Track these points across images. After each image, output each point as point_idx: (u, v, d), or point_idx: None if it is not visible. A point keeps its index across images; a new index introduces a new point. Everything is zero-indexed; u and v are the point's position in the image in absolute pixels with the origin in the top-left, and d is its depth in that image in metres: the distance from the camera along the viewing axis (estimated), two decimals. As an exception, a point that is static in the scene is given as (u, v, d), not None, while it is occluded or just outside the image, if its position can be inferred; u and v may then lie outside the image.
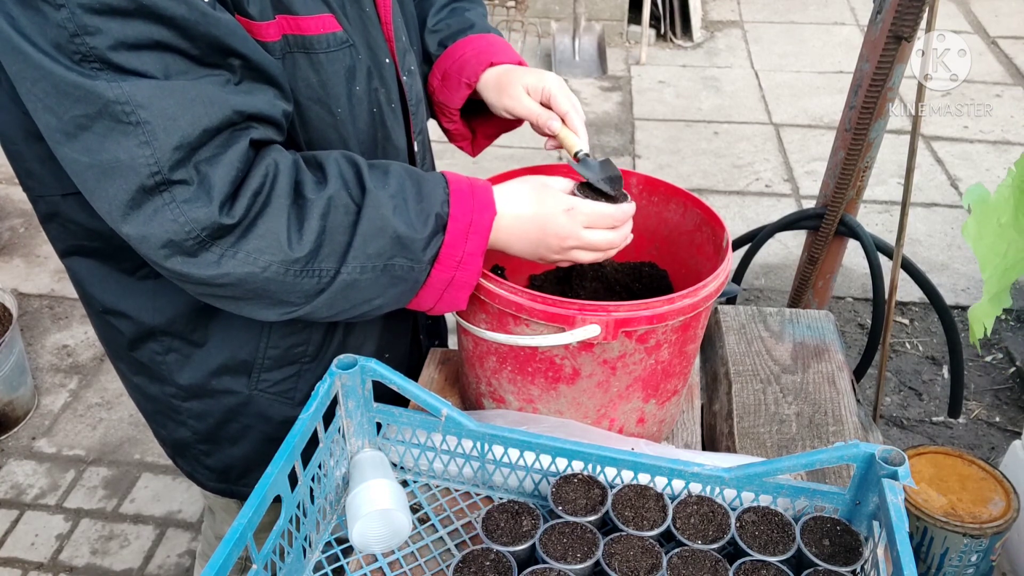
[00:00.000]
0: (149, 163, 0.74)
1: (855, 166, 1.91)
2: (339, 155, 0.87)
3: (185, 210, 0.76)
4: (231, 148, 0.78)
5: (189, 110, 0.74)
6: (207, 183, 0.76)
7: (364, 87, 0.95)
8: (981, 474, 1.25)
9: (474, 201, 0.90)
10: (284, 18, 0.85)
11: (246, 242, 0.79)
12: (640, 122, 4.03)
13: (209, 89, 0.76)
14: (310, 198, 0.82)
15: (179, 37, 0.74)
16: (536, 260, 0.98)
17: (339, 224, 0.84)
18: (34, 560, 2.13)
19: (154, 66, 0.73)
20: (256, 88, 0.81)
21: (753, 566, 0.81)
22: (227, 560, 0.73)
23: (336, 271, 0.84)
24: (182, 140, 0.74)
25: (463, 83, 1.09)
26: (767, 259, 3.08)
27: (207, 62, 0.77)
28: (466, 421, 0.93)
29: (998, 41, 4.66)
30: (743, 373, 1.24)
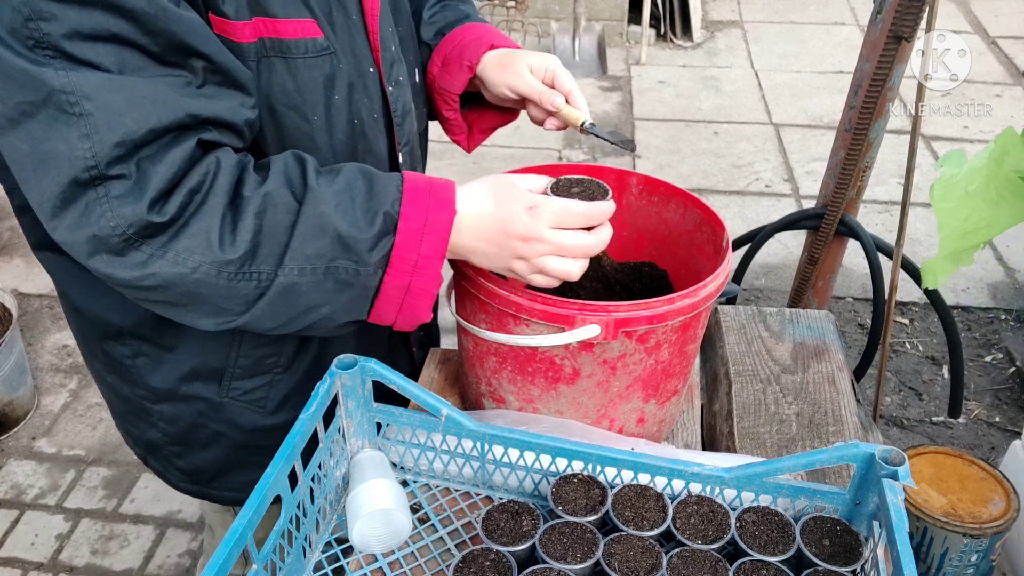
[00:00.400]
0: (86, 156, 0.71)
1: (855, 166, 1.91)
2: (288, 154, 0.84)
3: (115, 206, 0.73)
4: (176, 147, 0.75)
5: (137, 107, 0.72)
6: (144, 180, 0.74)
7: (344, 96, 0.92)
8: (981, 474, 1.25)
9: (430, 199, 0.84)
10: (261, 20, 0.83)
11: (176, 242, 0.76)
12: (640, 122, 4.03)
13: (163, 89, 0.73)
14: (247, 196, 0.79)
15: (138, 32, 0.72)
16: (505, 272, 0.91)
17: (277, 223, 0.79)
18: (34, 560, 2.13)
19: (109, 59, 0.71)
20: (219, 93, 0.79)
21: (753, 566, 0.81)
22: (227, 560, 0.73)
23: (274, 273, 0.80)
24: (125, 136, 0.72)
25: (464, 66, 1.08)
26: (767, 259, 3.08)
27: (167, 61, 0.74)
28: (466, 421, 0.93)
29: (998, 41, 4.66)
30: (743, 373, 1.24)
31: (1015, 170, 1.41)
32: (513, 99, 1.08)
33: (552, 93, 1.05)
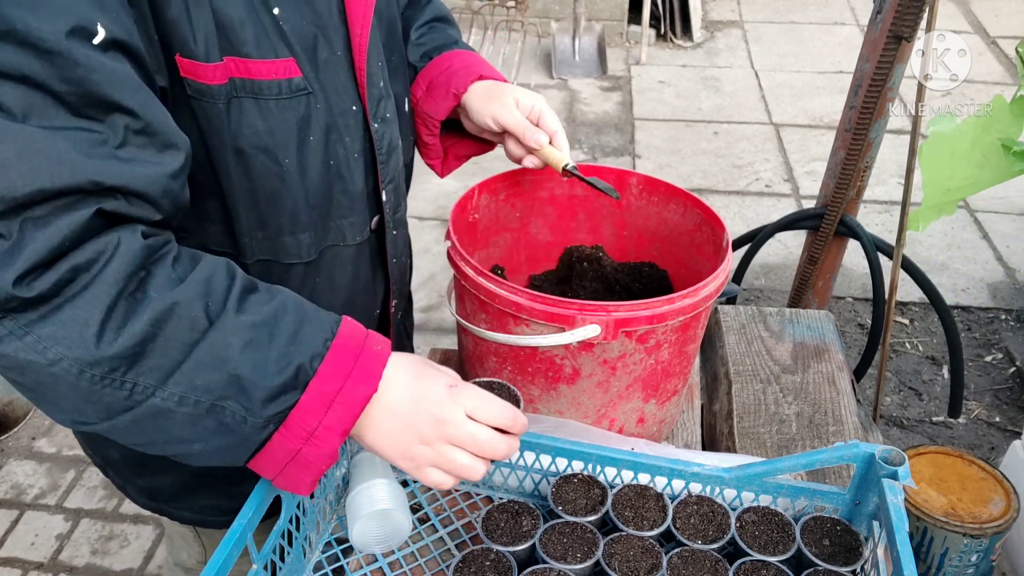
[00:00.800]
0: None
1: (855, 166, 1.91)
2: (222, 263, 0.73)
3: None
4: (67, 214, 0.64)
5: (27, 161, 0.62)
6: (21, 245, 0.62)
7: (320, 137, 0.86)
8: (981, 474, 1.25)
9: (355, 365, 0.73)
10: (232, 60, 0.77)
11: (41, 325, 0.64)
12: (640, 122, 4.03)
13: (66, 145, 0.63)
14: (152, 295, 0.67)
15: (53, 76, 0.63)
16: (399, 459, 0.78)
17: (175, 338, 0.67)
18: (34, 560, 2.13)
19: (14, 101, 0.62)
20: (140, 156, 0.68)
21: (753, 566, 0.81)
22: (227, 560, 0.73)
23: (151, 391, 0.67)
24: (5, 192, 0.61)
25: (451, 93, 1.06)
26: (767, 259, 3.08)
27: (83, 113, 0.65)
28: (466, 421, 0.93)
29: (998, 41, 4.66)
30: (743, 373, 1.24)
31: (1000, 137, 1.49)
32: (495, 131, 1.06)
33: (536, 131, 1.04)
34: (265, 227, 0.88)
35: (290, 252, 0.91)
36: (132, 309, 0.66)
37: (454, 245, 1.00)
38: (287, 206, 0.87)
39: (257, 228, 0.88)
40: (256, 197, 0.86)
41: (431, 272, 3.06)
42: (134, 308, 0.66)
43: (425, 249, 3.16)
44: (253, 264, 0.90)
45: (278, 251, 0.90)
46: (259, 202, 0.86)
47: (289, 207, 0.87)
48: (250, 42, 0.77)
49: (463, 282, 0.98)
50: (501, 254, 1.22)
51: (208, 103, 0.78)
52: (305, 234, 0.90)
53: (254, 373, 0.69)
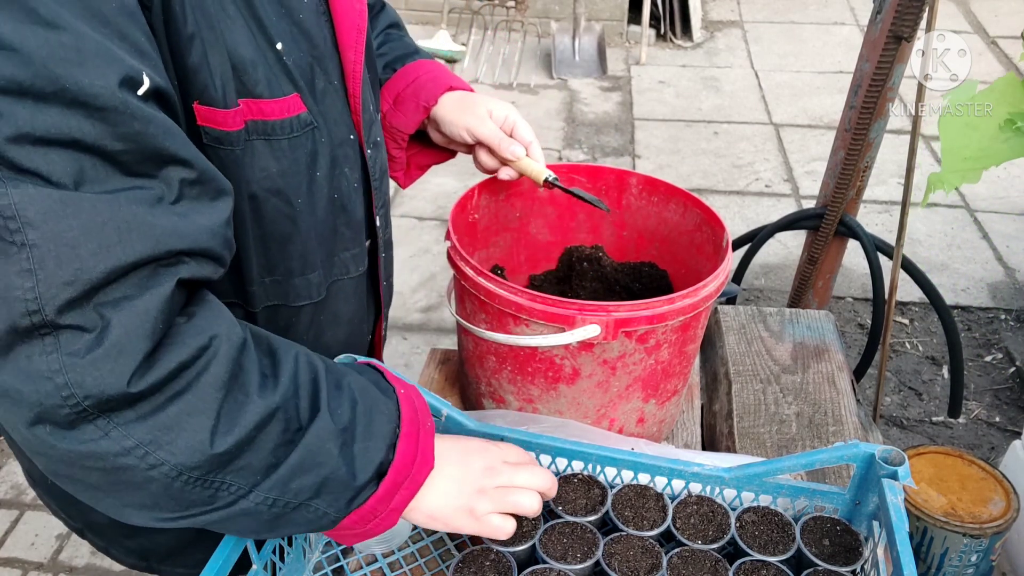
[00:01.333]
0: (27, 298, 0.54)
1: (855, 166, 1.91)
2: (299, 353, 0.72)
3: (70, 367, 0.56)
4: (150, 291, 0.59)
5: (96, 237, 0.56)
6: (109, 336, 0.57)
7: (325, 172, 0.84)
8: (981, 474, 1.25)
9: (419, 449, 0.74)
10: (246, 102, 0.74)
11: (143, 428, 0.59)
12: (640, 122, 4.03)
13: (131, 210, 0.58)
14: (253, 399, 0.64)
15: (106, 135, 0.56)
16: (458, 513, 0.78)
17: (273, 441, 0.65)
18: (34, 560, 2.13)
19: (63, 169, 0.55)
20: (196, 209, 0.63)
21: (753, 566, 0.81)
22: (227, 561, 0.73)
23: (243, 493, 0.65)
24: (78, 275, 0.55)
25: (420, 106, 1.03)
26: (767, 259, 3.08)
27: (136, 172, 0.59)
28: (466, 421, 0.93)
29: (998, 41, 4.66)
30: (743, 373, 1.24)
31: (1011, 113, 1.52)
32: (468, 143, 1.05)
33: (511, 142, 1.02)
34: (273, 272, 0.86)
35: (300, 294, 0.89)
36: (237, 412, 0.63)
37: (454, 245, 1.00)
38: (298, 248, 0.85)
39: (265, 274, 0.85)
40: (267, 243, 0.83)
41: (431, 272, 3.06)
42: (238, 412, 0.63)
43: (425, 249, 3.16)
44: (260, 311, 0.87)
45: (288, 294, 0.88)
46: (270, 248, 0.84)
47: (300, 249, 0.85)
48: (262, 82, 0.74)
49: (463, 282, 0.98)
50: (501, 254, 1.22)
51: (225, 151, 0.74)
52: (314, 273, 0.89)
53: (346, 474, 0.69)
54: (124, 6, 0.59)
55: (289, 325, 0.91)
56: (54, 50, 0.54)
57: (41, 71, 0.53)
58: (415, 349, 2.71)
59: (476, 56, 4.51)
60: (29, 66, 0.53)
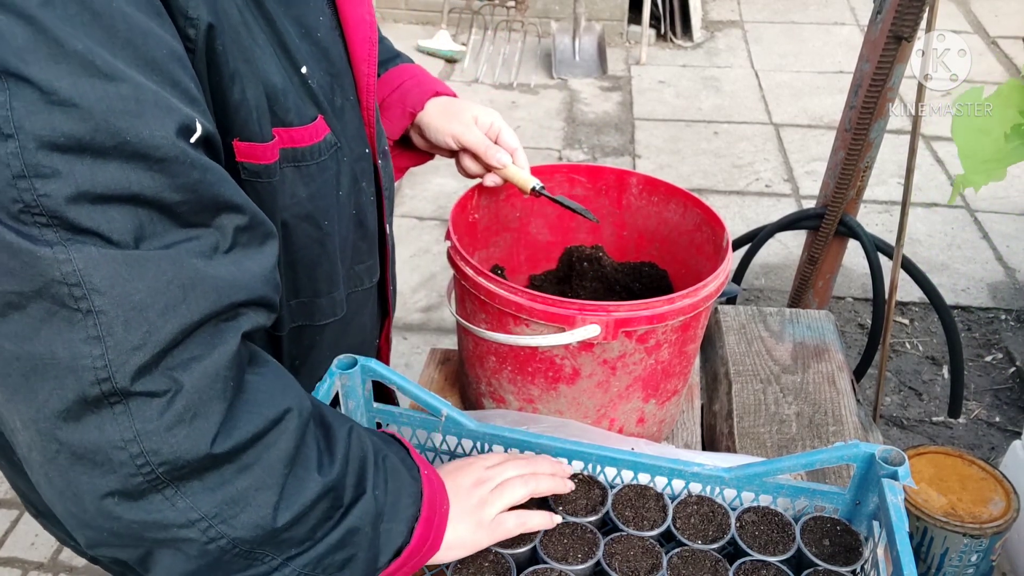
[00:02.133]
0: (96, 366, 0.53)
1: (855, 166, 1.91)
2: (352, 429, 0.71)
3: (144, 434, 0.54)
4: (217, 349, 0.58)
5: (163, 296, 0.54)
6: (181, 399, 0.55)
7: (347, 190, 0.84)
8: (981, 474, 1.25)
9: (431, 535, 0.74)
10: (279, 131, 0.73)
11: (212, 497, 0.58)
12: (640, 122, 4.03)
13: (192, 265, 0.56)
14: (312, 475, 0.64)
15: (166, 186, 0.54)
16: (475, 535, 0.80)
17: (320, 517, 0.65)
18: (34, 560, 2.13)
19: (124, 227, 0.53)
20: (249, 255, 0.62)
21: (753, 566, 0.81)
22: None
23: (277, 566, 0.64)
24: (147, 338, 0.54)
25: (407, 112, 1.03)
26: (767, 259, 3.08)
27: (192, 222, 0.57)
28: (466, 421, 0.93)
29: (998, 41, 4.65)
30: (743, 373, 1.24)
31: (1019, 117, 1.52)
32: (453, 149, 1.04)
33: (497, 149, 1.02)
34: (299, 294, 0.85)
35: (325, 313, 0.89)
36: (298, 489, 0.62)
37: (454, 245, 1.00)
38: (325, 269, 0.85)
39: (292, 296, 0.85)
40: (295, 268, 0.82)
41: (431, 272, 3.06)
42: (299, 489, 0.62)
43: (425, 249, 3.16)
44: (286, 334, 0.87)
45: (314, 314, 0.88)
46: (298, 272, 0.83)
47: (327, 270, 0.85)
48: (292, 109, 0.73)
49: (463, 282, 0.98)
50: (501, 254, 1.21)
51: (262, 183, 0.74)
52: (338, 291, 0.89)
53: (370, 555, 0.69)
54: (174, 52, 0.57)
55: (313, 344, 0.91)
56: (113, 103, 0.52)
57: (102, 125, 0.51)
58: (415, 349, 2.71)
59: (476, 56, 4.51)
60: (88, 121, 0.51)
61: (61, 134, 0.50)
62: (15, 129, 0.49)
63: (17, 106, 0.49)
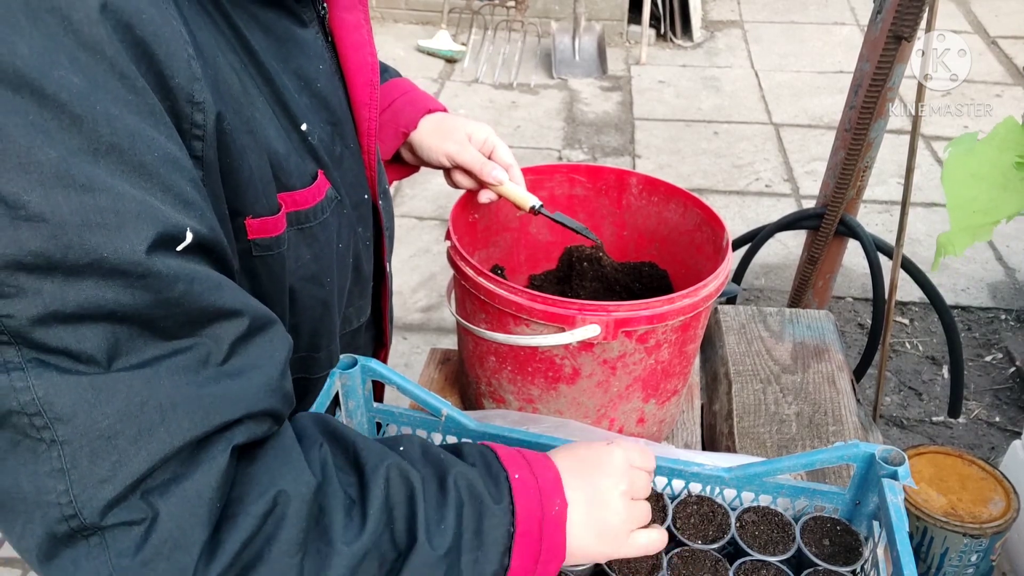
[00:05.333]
0: (61, 502, 0.48)
1: (855, 166, 1.91)
2: (392, 466, 0.62)
3: (120, 570, 0.49)
4: (201, 467, 0.52)
5: (135, 422, 0.49)
6: (159, 529, 0.50)
7: (347, 241, 0.81)
8: (981, 474, 1.25)
9: (541, 547, 0.65)
10: (283, 197, 0.69)
11: None
12: (640, 122, 4.03)
13: (172, 383, 0.50)
14: (338, 548, 0.56)
15: (145, 303, 0.49)
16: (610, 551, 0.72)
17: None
18: (34, 560, 2.13)
19: (95, 346, 0.48)
20: (250, 364, 0.56)
21: (753, 566, 0.81)
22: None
23: None
24: (116, 469, 0.49)
25: (400, 132, 1.01)
26: (767, 259, 3.08)
27: (177, 335, 0.52)
28: (466, 421, 0.93)
29: (998, 41, 4.66)
30: (743, 373, 1.24)
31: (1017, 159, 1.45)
32: (446, 167, 1.03)
33: (494, 167, 1.01)
34: (298, 350, 0.82)
35: (322, 366, 0.87)
36: (322, 566, 0.56)
37: (454, 245, 1.00)
38: (325, 326, 0.83)
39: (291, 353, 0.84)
40: (298, 330, 0.80)
41: (431, 272, 3.06)
42: (323, 564, 0.56)
43: (425, 249, 3.16)
44: None
45: (311, 368, 0.87)
46: (300, 333, 0.81)
47: (327, 326, 0.84)
48: (294, 173, 0.70)
49: (463, 282, 0.98)
50: (501, 254, 1.22)
51: (273, 256, 0.70)
52: (334, 343, 0.87)
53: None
54: (167, 154, 0.52)
55: (307, 392, 0.89)
56: (89, 216, 0.46)
57: (75, 241, 0.46)
58: (415, 349, 2.71)
59: (476, 56, 4.51)
60: (60, 237, 0.46)
61: (28, 252, 0.45)
62: None
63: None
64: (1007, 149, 1.48)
